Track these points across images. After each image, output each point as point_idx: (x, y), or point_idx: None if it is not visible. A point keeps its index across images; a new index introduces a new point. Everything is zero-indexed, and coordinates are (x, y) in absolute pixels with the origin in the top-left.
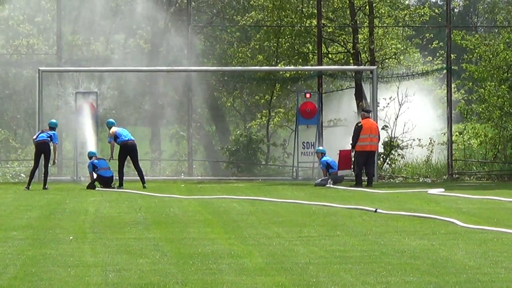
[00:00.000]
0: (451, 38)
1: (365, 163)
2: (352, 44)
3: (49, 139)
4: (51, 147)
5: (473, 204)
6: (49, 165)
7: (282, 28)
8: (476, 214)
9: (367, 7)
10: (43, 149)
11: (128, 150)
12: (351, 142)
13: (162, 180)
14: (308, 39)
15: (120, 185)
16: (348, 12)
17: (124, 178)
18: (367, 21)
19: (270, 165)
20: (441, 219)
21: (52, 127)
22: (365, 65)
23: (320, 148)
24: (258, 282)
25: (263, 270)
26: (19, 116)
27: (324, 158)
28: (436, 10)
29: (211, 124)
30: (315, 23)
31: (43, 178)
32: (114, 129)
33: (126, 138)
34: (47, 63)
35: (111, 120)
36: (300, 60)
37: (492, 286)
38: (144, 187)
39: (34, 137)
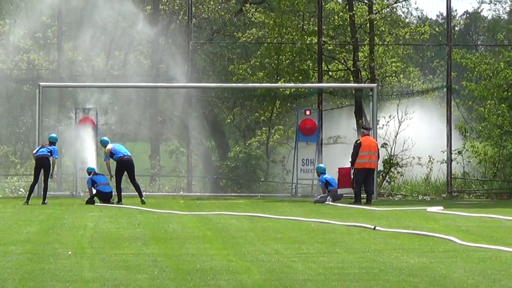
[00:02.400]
0: (451, 56)
1: (364, 181)
2: (352, 62)
3: (49, 154)
4: (51, 162)
5: (472, 222)
6: (49, 180)
7: (282, 45)
8: (475, 232)
9: (368, 25)
10: (43, 164)
11: (124, 166)
12: (350, 159)
13: (161, 196)
14: (309, 56)
15: (119, 201)
16: (348, 29)
17: (122, 193)
18: (368, 39)
19: (269, 182)
20: (440, 237)
21: (53, 141)
22: (365, 83)
23: (321, 165)
24: None
25: (261, 287)
26: (18, 131)
27: (324, 176)
28: (437, 29)
29: (211, 141)
30: (316, 40)
31: (42, 193)
32: (109, 146)
33: (122, 154)
34: (47, 79)
35: (105, 138)
36: (300, 77)
37: None
38: (142, 202)
39: (34, 151)
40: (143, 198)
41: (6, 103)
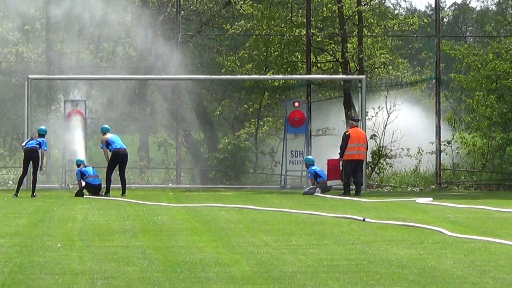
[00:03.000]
0: (440, 47)
1: (353, 172)
2: (341, 53)
3: (38, 146)
4: (40, 154)
5: (461, 213)
6: (38, 172)
7: (271, 37)
8: (464, 223)
9: (356, 16)
10: (31, 156)
11: (119, 158)
12: (339, 151)
13: (151, 188)
14: (297, 48)
15: (107, 192)
16: (337, 21)
17: (112, 185)
18: (356, 31)
19: (258, 174)
20: (429, 228)
21: (42, 134)
22: (354, 74)
23: (309, 157)
24: None
25: (250, 279)
26: (7, 123)
27: (313, 167)
28: (425, 20)
29: (200, 133)
30: (304, 32)
31: (31, 185)
32: (107, 135)
33: (118, 146)
34: (36, 71)
35: (106, 126)
36: (289, 69)
37: None
38: (123, 195)
39: (23, 144)
40: (125, 194)
41: None
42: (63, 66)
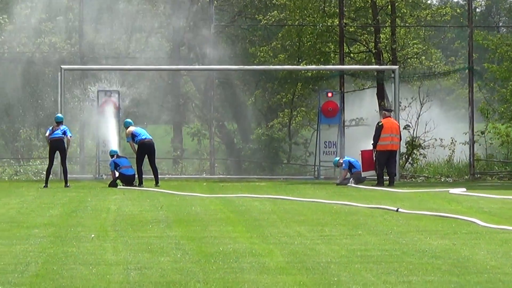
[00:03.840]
0: (473, 38)
1: (386, 163)
2: (374, 44)
3: (63, 135)
4: (65, 142)
5: (495, 203)
6: (66, 162)
7: (304, 27)
8: (498, 213)
9: (389, 6)
10: (57, 146)
11: (145, 149)
12: (372, 141)
13: (184, 179)
14: (330, 39)
15: (140, 183)
16: (370, 11)
17: (144, 176)
18: (389, 21)
19: (291, 164)
20: (462, 219)
21: (60, 121)
22: (387, 65)
23: (337, 159)
24: (279, 281)
25: (284, 269)
26: (41, 114)
27: (346, 158)
28: (458, 10)
29: (233, 123)
30: (337, 22)
31: (63, 176)
32: (131, 128)
33: (144, 137)
34: (69, 61)
35: (128, 120)
36: (322, 60)
37: None
38: (157, 186)
39: (47, 134)
40: (158, 184)
41: (28, 87)
42: (96, 56)
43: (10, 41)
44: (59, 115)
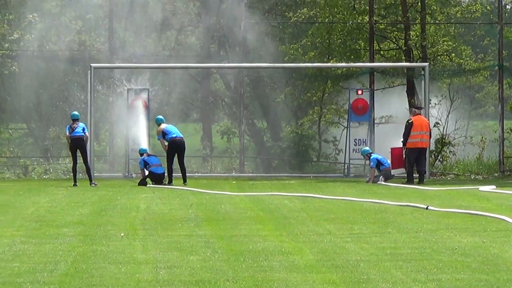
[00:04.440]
0: (503, 34)
1: (416, 160)
2: (404, 41)
3: (83, 133)
4: (86, 140)
5: None
6: (88, 160)
7: (334, 25)
8: None
9: (419, 3)
10: (78, 144)
11: (176, 147)
12: (402, 139)
13: (214, 177)
14: (360, 36)
15: (170, 182)
16: (400, 8)
17: (174, 174)
18: (419, 18)
19: (321, 162)
20: (492, 216)
21: (77, 118)
22: (417, 62)
23: (365, 148)
24: (309, 279)
25: (314, 267)
26: (70, 112)
27: (374, 156)
28: (488, 7)
29: (263, 121)
30: (367, 19)
31: (87, 175)
32: (162, 126)
33: (174, 135)
34: (99, 59)
35: (160, 117)
36: (352, 57)
37: None
38: (184, 184)
39: (67, 133)
40: (186, 183)
41: (57, 85)
42: (126, 54)
43: (40, 39)
44: (75, 112)
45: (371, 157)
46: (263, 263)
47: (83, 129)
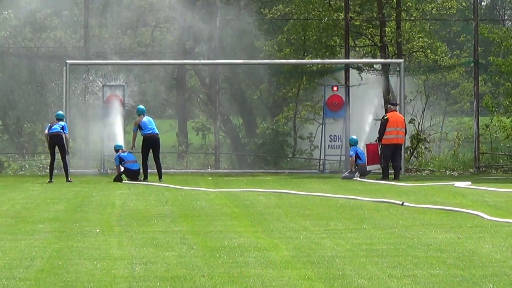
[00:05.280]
0: (478, 31)
1: (391, 156)
2: (379, 37)
3: (61, 130)
4: (64, 140)
5: (500, 197)
6: (66, 156)
7: (309, 21)
8: (503, 207)
9: (394, 0)
10: (56, 141)
11: (150, 143)
12: (377, 135)
13: (189, 173)
14: (336, 32)
15: (145, 178)
16: (375, 5)
17: (149, 170)
18: (394, 14)
19: (297, 158)
20: (467, 212)
21: (60, 118)
22: (392, 58)
23: (353, 137)
24: (285, 275)
25: (289, 263)
26: (46, 109)
27: (356, 147)
28: (463, 3)
29: (238, 117)
30: (343, 16)
31: (63, 171)
32: (141, 117)
33: (150, 131)
34: (74, 56)
35: (141, 106)
36: (327, 53)
37: None
38: (160, 181)
39: (46, 131)
40: (161, 179)
41: (33, 81)
42: (101, 51)
43: (15, 36)
44: (60, 112)
45: (352, 147)
46: (239, 259)
47: (62, 127)
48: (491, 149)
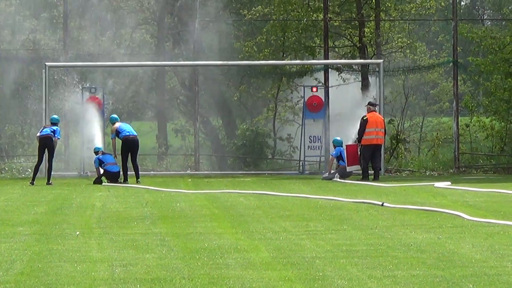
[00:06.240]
0: (458, 31)
1: (371, 157)
2: (358, 38)
3: (52, 133)
4: (54, 142)
5: (480, 197)
6: (53, 160)
7: (288, 22)
8: (483, 207)
9: (373, 0)
10: (46, 144)
11: (129, 145)
12: (357, 136)
13: (169, 175)
14: (315, 33)
15: (125, 180)
16: (354, 5)
17: (128, 172)
18: (373, 15)
19: (276, 159)
20: (447, 213)
21: (54, 122)
22: (371, 59)
23: (337, 138)
24: (265, 276)
25: (269, 265)
26: (25, 111)
27: (340, 149)
28: (442, 3)
29: (218, 119)
30: (322, 16)
31: (46, 173)
32: (116, 124)
33: (128, 133)
34: (54, 59)
35: (114, 115)
36: (307, 54)
37: (498, 279)
38: (138, 182)
39: (38, 133)
40: (139, 180)
41: (12, 84)
42: (80, 53)
43: None
44: (55, 116)
45: (336, 148)
46: (219, 261)
47: (54, 131)
48: (471, 149)
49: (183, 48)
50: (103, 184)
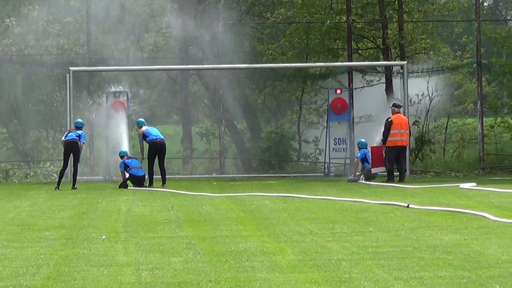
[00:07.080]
0: (481, 31)
1: (396, 159)
2: (381, 40)
3: (77, 138)
4: (79, 146)
5: (505, 198)
6: (78, 164)
7: (311, 25)
8: (508, 208)
9: (396, 2)
10: (71, 148)
11: (156, 149)
12: (381, 138)
13: (194, 178)
14: (338, 35)
15: (151, 184)
16: (377, 7)
17: (154, 176)
18: (396, 16)
19: (301, 162)
20: (473, 214)
21: (79, 126)
22: (395, 60)
23: (362, 140)
24: (291, 279)
25: (295, 267)
26: (50, 116)
27: (365, 151)
28: (465, 4)
29: (242, 122)
30: (345, 19)
31: (72, 178)
32: (143, 128)
33: (155, 137)
34: (78, 63)
35: (141, 119)
36: (330, 56)
37: None
38: (163, 186)
39: (63, 138)
40: (165, 185)
41: (37, 89)
42: (104, 57)
43: (18, 43)
44: (79, 120)
45: (361, 150)
46: (245, 264)
47: (79, 136)
48: (496, 150)
49: (207, 52)
50: (128, 188)
